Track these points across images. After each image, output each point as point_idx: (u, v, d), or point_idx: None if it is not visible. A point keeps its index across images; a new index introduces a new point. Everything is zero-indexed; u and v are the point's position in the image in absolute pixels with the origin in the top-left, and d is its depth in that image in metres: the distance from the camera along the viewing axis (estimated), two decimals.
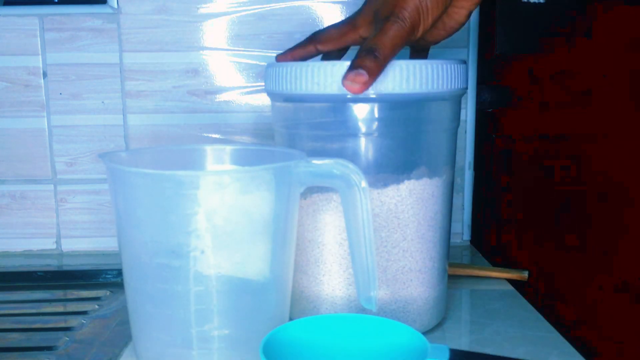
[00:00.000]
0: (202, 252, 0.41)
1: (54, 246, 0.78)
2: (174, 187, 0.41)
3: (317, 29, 0.54)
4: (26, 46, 0.74)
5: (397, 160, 0.48)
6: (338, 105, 0.47)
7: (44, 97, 0.75)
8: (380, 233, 0.48)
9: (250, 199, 0.41)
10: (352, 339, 0.42)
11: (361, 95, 0.45)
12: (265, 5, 0.74)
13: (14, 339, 0.56)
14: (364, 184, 0.43)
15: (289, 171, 0.43)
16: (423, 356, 0.38)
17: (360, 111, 0.47)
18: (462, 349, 0.46)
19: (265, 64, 0.74)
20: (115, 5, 0.73)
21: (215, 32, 0.74)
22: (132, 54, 0.74)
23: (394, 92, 0.46)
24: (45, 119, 0.75)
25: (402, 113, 0.48)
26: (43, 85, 0.75)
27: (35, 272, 0.71)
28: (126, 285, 0.46)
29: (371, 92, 0.46)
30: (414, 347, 0.40)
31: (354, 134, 0.48)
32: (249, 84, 0.75)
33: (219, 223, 0.41)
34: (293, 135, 0.51)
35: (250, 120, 0.76)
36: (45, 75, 0.75)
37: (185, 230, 0.41)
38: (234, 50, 0.75)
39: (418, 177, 0.49)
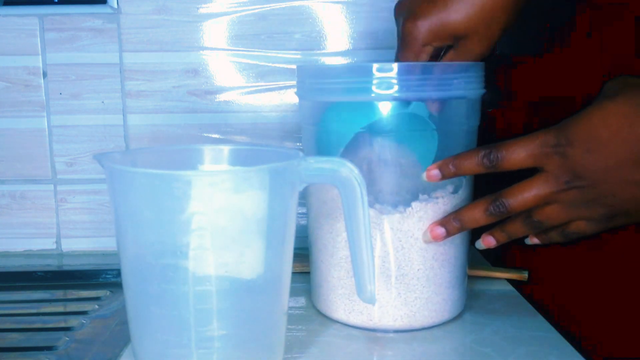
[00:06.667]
0: (195, 251, 0.41)
1: (54, 246, 0.78)
2: (166, 186, 0.41)
3: (317, 28, 0.53)
4: (26, 46, 0.74)
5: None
6: None
7: (44, 97, 0.75)
8: None
9: (244, 198, 0.41)
10: None
11: None
12: (265, 5, 0.74)
13: (14, 339, 0.56)
14: (363, 181, 0.43)
15: (285, 171, 0.43)
16: None
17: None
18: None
19: (265, 64, 0.75)
20: (115, 5, 0.73)
21: (215, 32, 0.74)
22: (132, 54, 0.74)
23: None
24: (45, 119, 0.75)
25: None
26: (43, 85, 0.75)
27: (35, 272, 0.71)
28: (125, 286, 0.45)
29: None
30: None
31: None
32: (249, 84, 0.75)
33: (212, 223, 0.41)
34: None
35: (250, 120, 0.76)
36: (45, 75, 0.75)
37: (178, 230, 0.41)
38: (234, 50, 0.75)
39: None
